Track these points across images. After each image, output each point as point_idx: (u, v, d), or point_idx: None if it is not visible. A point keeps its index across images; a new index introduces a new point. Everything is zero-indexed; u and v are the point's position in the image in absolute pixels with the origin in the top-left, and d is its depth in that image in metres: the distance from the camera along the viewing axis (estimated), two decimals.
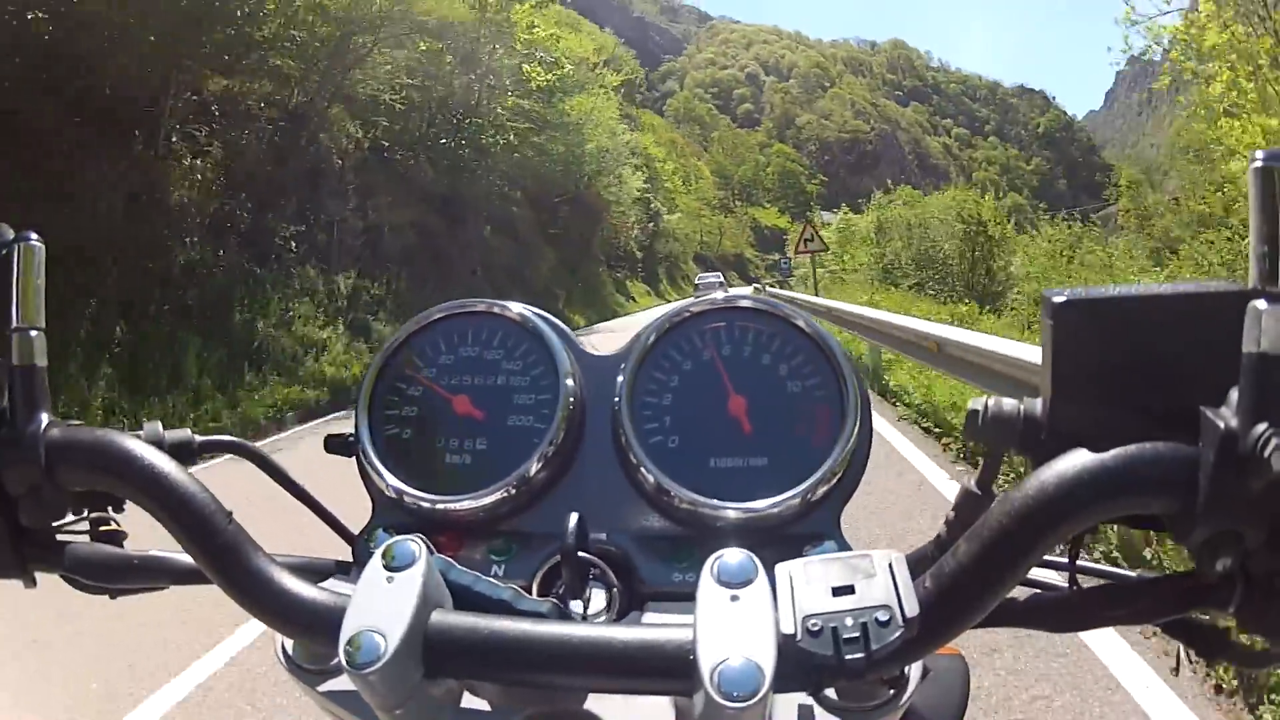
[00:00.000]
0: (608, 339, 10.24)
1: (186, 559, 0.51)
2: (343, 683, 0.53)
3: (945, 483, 5.06)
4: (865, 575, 0.41)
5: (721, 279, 50.98)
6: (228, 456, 0.69)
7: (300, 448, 7.53)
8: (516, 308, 0.72)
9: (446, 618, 0.42)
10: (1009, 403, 0.45)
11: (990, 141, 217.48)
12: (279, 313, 12.03)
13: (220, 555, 0.47)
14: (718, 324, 0.68)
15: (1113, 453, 0.39)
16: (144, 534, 0.58)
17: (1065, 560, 0.49)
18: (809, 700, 0.49)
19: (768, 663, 0.38)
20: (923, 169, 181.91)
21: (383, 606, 0.41)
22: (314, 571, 0.64)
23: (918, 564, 0.45)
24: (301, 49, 13.97)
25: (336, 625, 0.41)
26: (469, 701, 0.48)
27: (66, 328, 8.19)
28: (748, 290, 3.50)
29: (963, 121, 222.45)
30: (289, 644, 0.55)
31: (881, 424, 6.65)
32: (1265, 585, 0.39)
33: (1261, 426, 0.35)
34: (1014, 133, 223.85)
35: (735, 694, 0.37)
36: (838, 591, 0.41)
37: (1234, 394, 0.37)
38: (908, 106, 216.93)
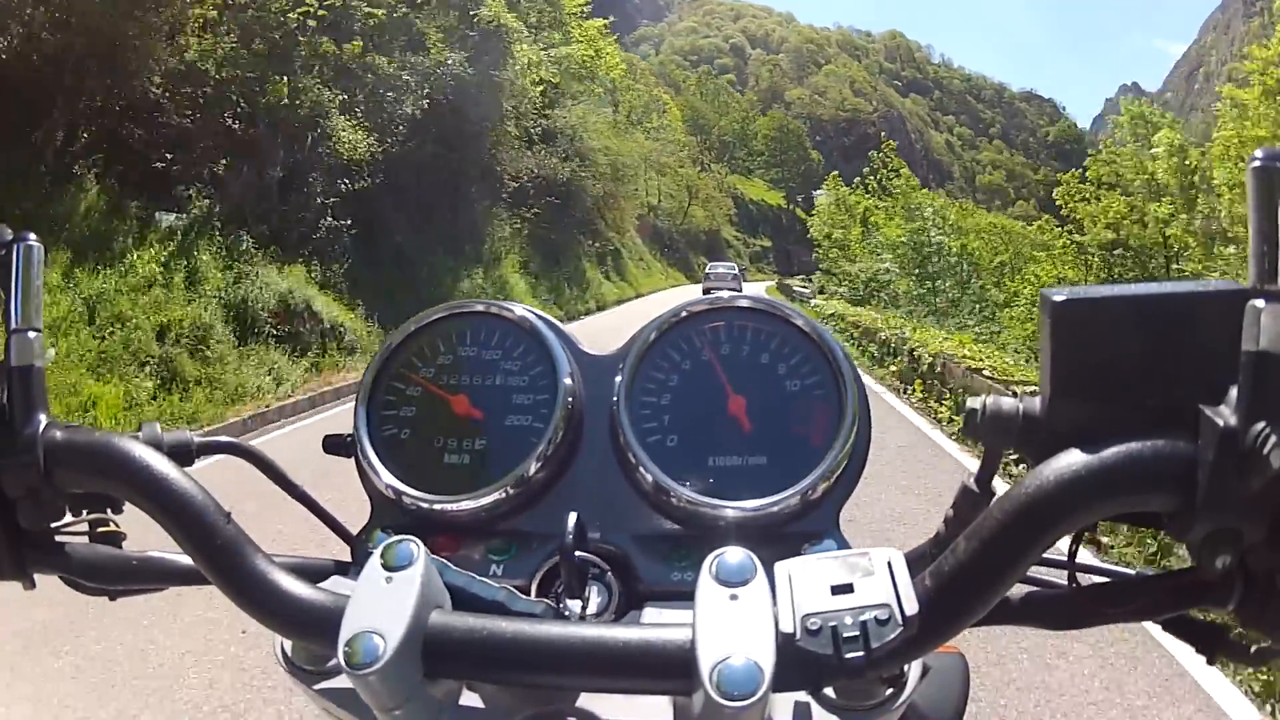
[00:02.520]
0: None
1: (185, 560, 0.51)
2: (340, 681, 0.52)
3: None
4: (864, 574, 0.41)
5: (737, 271, 37.98)
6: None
7: None
8: (517, 308, 0.71)
9: (446, 618, 0.42)
10: (1008, 401, 0.45)
11: (995, 145, 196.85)
12: None
13: (219, 556, 0.47)
14: (716, 323, 0.68)
15: (1111, 450, 0.38)
16: (143, 535, 0.58)
17: (1064, 558, 0.48)
18: (808, 699, 0.48)
19: (767, 662, 0.37)
20: (927, 163, 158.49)
21: (382, 607, 0.41)
22: (313, 572, 0.63)
23: (917, 562, 0.45)
24: None
25: (335, 626, 0.41)
26: (468, 700, 0.48)
27: None
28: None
29: (966, 121, 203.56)
30: (287, 644, 0.55)
31: None
32: (1265, 582, 0.39)
33: (1261, 424, 0.35)
34: (1020, 139, 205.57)
35: (735, 693, 0.36)
36: (837, 590, 0.41)
37: (1233, 392, 0.37)
38: (907, 97, 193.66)
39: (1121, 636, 3.23)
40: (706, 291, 0.92)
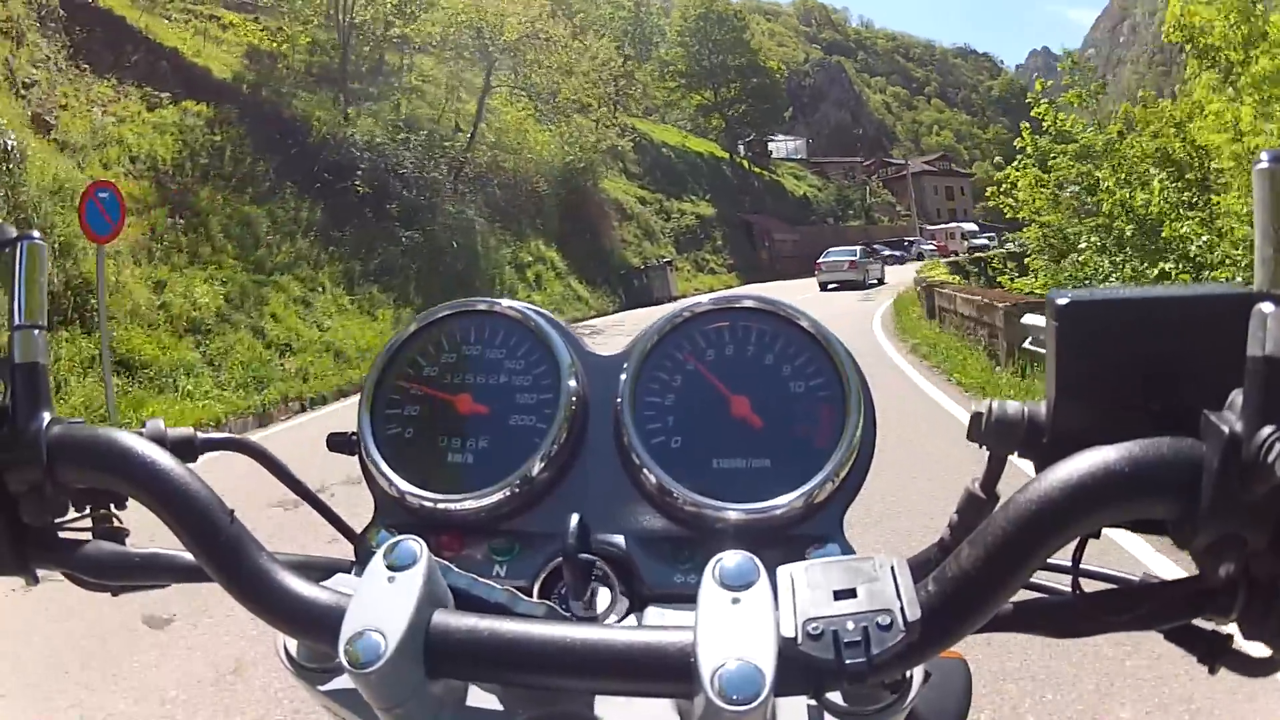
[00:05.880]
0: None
1: (188, 557, 0.52)
2: (344, 682, 0.52)
3: None
4: (867, 579, 0.41)
5: (856, 257, 28.59)
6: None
7: None
8: (519, 306, 0.71)
9: (448, 618, 0.42)
10: (1013, 405, 0.45)
11: (935, 104, 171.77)
12: None
13: (222, 553, 0.47)
14: (720, 324, 0.68)
15: (1116, 455, 0.38)
16: (146, 531, 0.58)
17: (1068, 564, 0.48)
18: (811, 703, 0.48)
19: (768, 666, 0.37)
20: (870, 124, 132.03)
21: (383, 606, 0.41)
22: (316, 570, 0.63)
23: (920, 568, 0.45)
24: None
25: (337, 625, 0.41)
26: (475, 700, 0.48)
27: None
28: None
29: (898, 81, 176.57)
30: (291, 643, 0.54)
31: None
32: (1268, 591, 0.39)
33: (1266, 430, 0.35)
34: (961, 97, 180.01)
35: (736, 697, 0.36)
36: (839, 595, 0.41)
37: (1237, 397, 0.36)
38: (831, 58, 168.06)
39: None
40: (824, 287, 0.85)
